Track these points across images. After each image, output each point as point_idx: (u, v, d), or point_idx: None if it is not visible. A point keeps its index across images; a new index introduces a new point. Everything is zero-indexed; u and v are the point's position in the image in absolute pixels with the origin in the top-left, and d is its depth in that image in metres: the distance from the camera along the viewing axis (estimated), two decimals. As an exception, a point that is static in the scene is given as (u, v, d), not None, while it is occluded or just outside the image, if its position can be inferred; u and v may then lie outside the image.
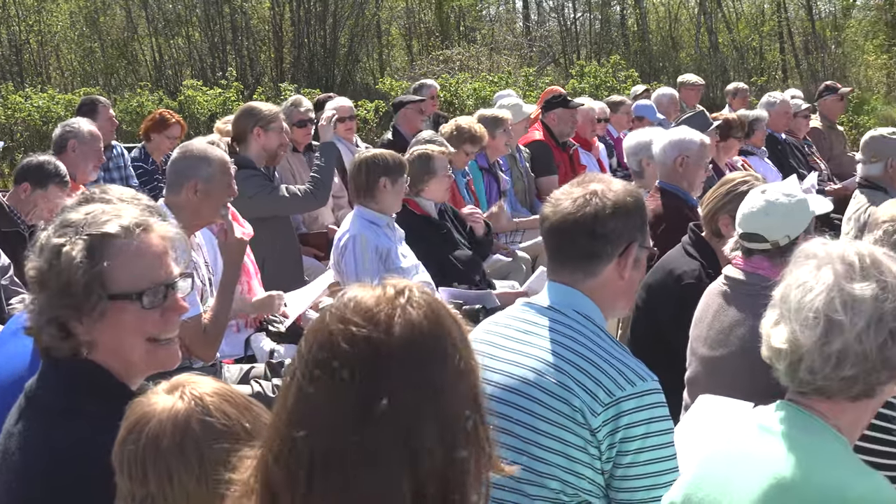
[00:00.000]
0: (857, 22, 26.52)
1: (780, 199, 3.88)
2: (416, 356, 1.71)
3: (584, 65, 20.55)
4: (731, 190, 4.53)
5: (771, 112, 9.70)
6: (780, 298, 2.25)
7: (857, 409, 2.24)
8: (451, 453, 1.71)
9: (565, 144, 8.93)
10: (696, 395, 3.78)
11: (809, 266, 2.23)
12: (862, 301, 2.14)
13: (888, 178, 6.23)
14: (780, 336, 2.23)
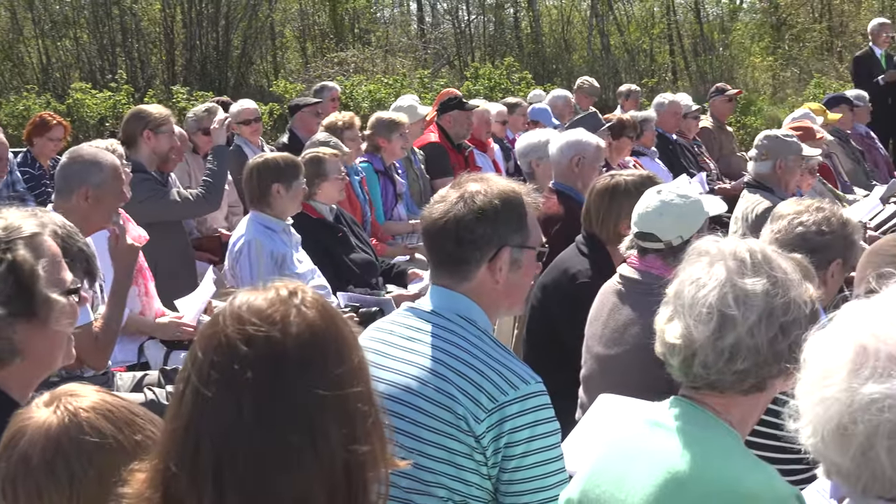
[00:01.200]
0: (744, 25, 27.09)
1: (675, 199, 3.94)
2: (315, 354, 1.72)
3: (479, 67, 20.62)
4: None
5: (661, 113, 9.86)
6: (674, 295, 2.28)
7: (749, 403, 2.28)
8: (354, 449, 1.71)
9: (461, 146, 8.96)
10: (592, 393, 3.81)
11: (702, 263, 2.27)
12: (754, 296, 2.18)
13: (776, 177, 6.36)
14: (674, 332, 2.26)
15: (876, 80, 12.40)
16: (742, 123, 17.85)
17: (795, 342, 2.13)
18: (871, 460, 1.61)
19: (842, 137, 9.74)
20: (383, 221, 7.86)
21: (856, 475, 1.66)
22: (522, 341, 4.80)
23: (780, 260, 2.28)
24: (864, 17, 18.39)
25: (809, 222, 3.73)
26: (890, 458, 1.59)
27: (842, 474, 1.68)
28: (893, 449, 1.59)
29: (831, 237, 3.71)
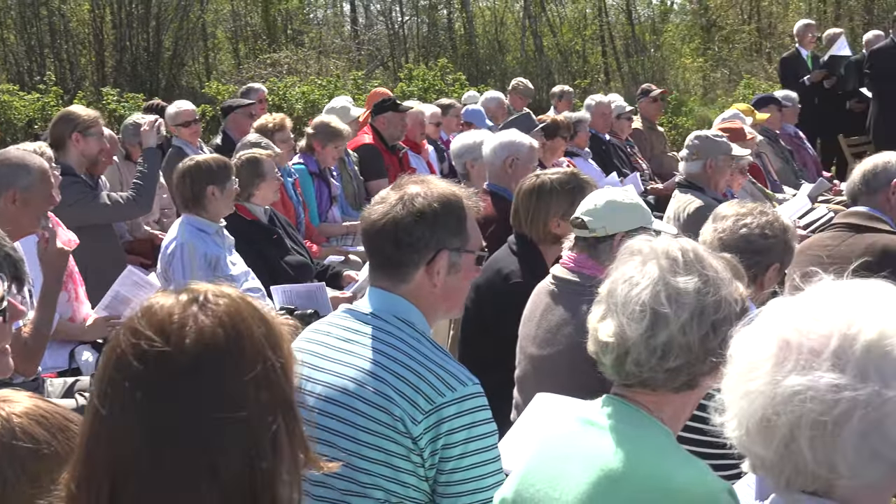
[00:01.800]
0: (675, 26, 27.37)
1: (618, 196, 4.04)
2: (209, 368, 1.64)
3: (413, 68, 20.62)
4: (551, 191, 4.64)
5: (593, 114, 9.94)
6: (607, 293, 2.30)
7: (680, 400, 2.31)
8: (255, 464, 1.64)
9: (395, 147, 8.96)
10: (527, 393, 3.82)
11: (635, 262, 2.29)
12: (686, 294, 2.21)
13: (706, 177, 6.44)
14: (607, 330, 2.28)
15: (802, 80, 12.61)
16: (674, 124, 18.04)
17: (725, 339, 2.15)
18: (794, 453, 1.64)
19: (771, 137, 9.88)
20: (318, 223, 7.83)
21: (779, 468, 1.68)
22: (458, 342, 4.80)
23: (711, 259, 2.31)
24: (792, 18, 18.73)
25: (754, 225, 3.78)
26: (811, 449, 1.62)
27: (766, 467, 1.71)
28: (815, 440, 1.61)
29: (773, 241, 3.76)
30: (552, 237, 4.61)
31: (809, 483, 1.66)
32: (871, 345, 1.62)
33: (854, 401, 1.59)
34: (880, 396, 1.58)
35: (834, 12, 24.91)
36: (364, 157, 8.76)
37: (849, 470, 1.61)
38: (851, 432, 1.59)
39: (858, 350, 1.62)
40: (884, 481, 1.63)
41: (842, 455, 1.61)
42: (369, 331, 2.81)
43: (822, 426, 1.60)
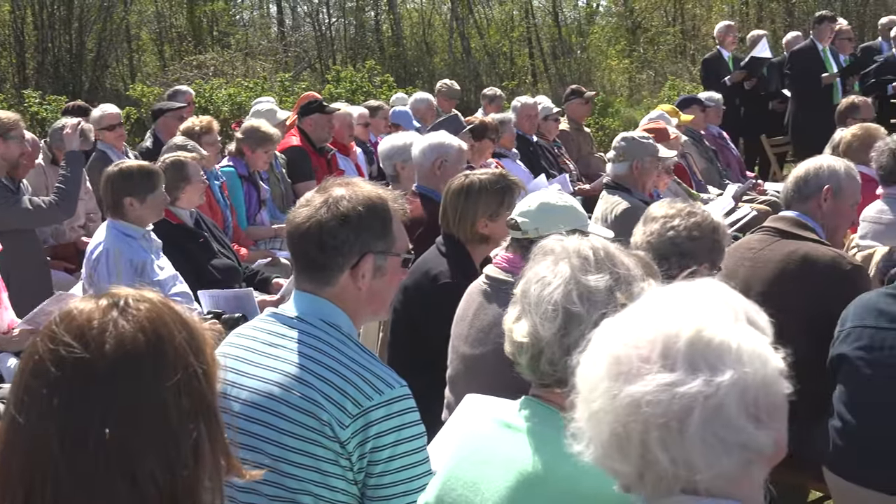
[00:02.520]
0: (601, 28, 27.66)
1: (551, 198, 4.05)
2: (129, 374, 1.62)
3: (340, 70, 20.57)
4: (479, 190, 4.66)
5: (520, 116, 9.99)
6: (521, 293, 2.32)
7: None
8: (175, 471, 1.62)
9: (323, 150, 8.92)
10: (458, 393, 3.83)
11: (548, 261, 2.30)
12: (597, 292, 2.22)
13: (633, 178, 6.50)
14: (521, 330, 2.29)
15: (723, 81, 12.80)
16: (600, 125, 18.21)
17: None
18: (651, 461, 1.65)
19: (695, 138, 10.00)
20: (246, 227, 7.77)
21: (642, 479, 1.70)
22: (387, 344, 4.80)
23: (623, 257, 2.33)
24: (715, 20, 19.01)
25: (681, 227, 3.81)
26: (665, 452, 1.63)
27: (632, 483, 1.72)
28: (665, 443, 1.63)
29: (701, 242, 3.79)
30: (480, 237, 4.62)
31: (673, 486, 1.67)
32: (694, 338, 1.65)
33: (689, 394, 1.61)
34: (711, 385, 1.61)
35: (756, 14, 25.35)
36: (292, 159, 8.71)
37: (705, 464, 1.63)
38: (696, 426, 1.61)
39: (682, 346, 1.64)
40: (741, 465, 1.65)
41: (693, 450, 1.62)
42: (295, 335, 2.78)
43: (667, 427, 1.62)
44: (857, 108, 8.95)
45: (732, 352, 1.64)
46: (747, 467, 1.66)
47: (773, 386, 1.67)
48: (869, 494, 3.81)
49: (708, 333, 1.65)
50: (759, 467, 1.70)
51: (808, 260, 4.36)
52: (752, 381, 1.63)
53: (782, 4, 25.09)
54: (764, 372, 1.65)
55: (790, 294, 4.17)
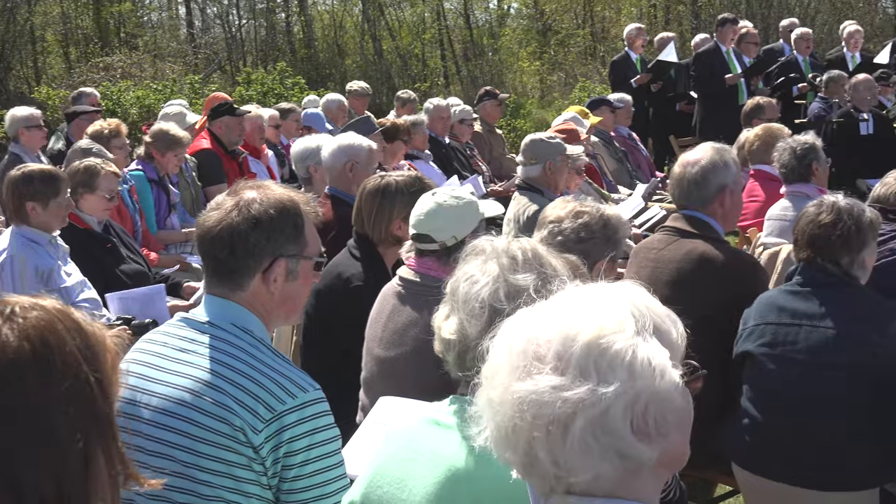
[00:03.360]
0: (512, 30, 27.82)
1: (449, 201, 4.01)
2: (12, 383, 1.58)
3: (251, 72, 20.40)
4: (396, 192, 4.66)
5: (432, 118, 10.02)
6: (451, 292, 2.34)
7: None
8: (60, 482, 1.59)
9: (234, 153, 8.84)
10: (373, 395, 3.82)
11: (478, 261, 2.33)
12: (523, 291, 2.24)
13: (546, 179, 6.56)
14: (449, 328, 2.31)
15: (630, 82, 12.99)
16: (512, 126, 18.32)
17: None
18: (534, 458, 1.67)
19: (605, 139, 10.13)
20: (156, 231, 7.66)
21: (527, 472, 1.72)
22: (300, 348, 4.77)
23: (551, 258, 2.36)
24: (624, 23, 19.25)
25: (568, 230, 3.84)
26: (547, 452, 1.64)
27: (521, 472, 1.74)
28: (547, 443, 1.64)
29: (591, 242, 3.83)
30: (393, 238, 4.62)
31: (555, 486, 1.69)
32: (590, 343, 1.64)
33: (573, 401, 1.61)
34: (596, 394, 1.61)
35: (664, 17, 25.73)
36: (202, 162, 8.62)
37: (581, 468, 1.64)
38: (577, 431, 1.61)
39: (578, 350, 1.64)
40: (618, 473, 1.65)
41: (573, 455, 1.63)
42: (206, 340, 2.75)
43: (549, 430, 1.63)
44: (763, 108, 9.16)
45: (625, 363, 1.63)
46: (633, 473, 1.67)
47: (666, 401, 1.65)
48: (777, 487, 3.90)
49: (605, 341, 1.64)
50: (651, 473, 1.70)
51: (706, 258, 4.43)
52: (642, 394, 1.63)
53: (689, 7, 25.50)
54: (657, 386, 1.64)
55: (689, 292, 4.22)
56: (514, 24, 28.67)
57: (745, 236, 6.50)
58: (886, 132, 10.48)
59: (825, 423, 3.83)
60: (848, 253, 3.95)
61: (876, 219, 4.05)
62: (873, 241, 4.02)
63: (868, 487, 3.88)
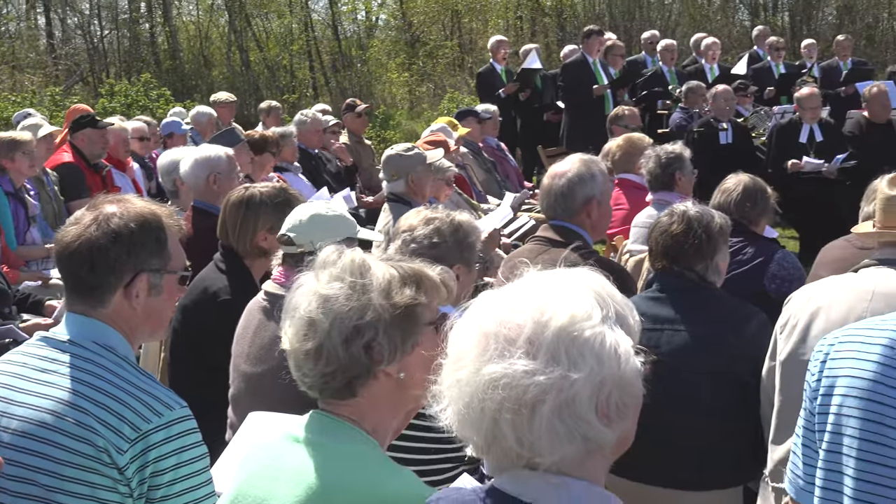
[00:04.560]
0: (380, 42, 27.85)
1: (321, 210, 4.05)
2: None
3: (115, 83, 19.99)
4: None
5: (303, 130, 9.95)
6: (286, 303, 2.33)
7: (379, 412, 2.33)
8: None
9: (97, 166, 8.63)
10: (241, 411, 3.77)
11: (311, 272, 2.33)
12: (332, 300, 2.25)
13: (411, 191, 6.59)
14: (285, 340, 2.32)
15: (498, 93, 13.13)
16: (382, 137, 18.34)
17: (371, 344, 2.24)
18: (499, 437, 1.75)
19: (474, 149, 10.22)
20: (15, 247, 7.42)
21: (489, 451, 1.79)
22: (167, 364, 4.68)
23: (376, 266, 2.34)
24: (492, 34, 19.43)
25: (420, 237, 3.86)
26: (513, 431, 1.72)
27: (480, 450, 1.81)
28: (514, 423, 1.72)
29: (444, 247, 3.84)
30: (259, 251, 4.58)
31: (517, 463, 1.77)
32: (561, 330, 1.73)
33: (544, 385, 1.70)
34: (567, 379, 1.70)
35: (530, 29, 26.10)
36: (64, 176, 8.39)
37: (548, 449, 1.72)
38: (545, 414, 1.70)
39: (549, 336, 1.73)
40: (581, 454, 1.75)
41: (540, 436, 1.72)
42: (67, 359, 2.66)
43: (518, 411, 1.71)
44: (623, 117, 9.36)
45: (594, 350, 1.73)
46: (590, 455, 1.77)
47: (629, 386, 1.77)
48: (649, 491, 3.97)
49: (576, 329, 1.73)
50: (604, 455, 1.81)
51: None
52: (607, 380, 1.73)
53: (554, 19, 25.93)
54: (621, 372, 1.75)
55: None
56: (382, 35, 28.70)
57: (611, 244, 6.61)
58: (745, 141, 10.83)
59: (688, 424, 3.92)
60: (701, 260, 4.09)
61: (726, 224, 4.20)
62: (724, 245, 4.17)
63: (732, 486, 3.99)
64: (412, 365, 2.30)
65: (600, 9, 25.68)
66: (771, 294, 5.02)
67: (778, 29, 16.67)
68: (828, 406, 2.48)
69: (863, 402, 2.41)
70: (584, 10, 26.01)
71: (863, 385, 2.42)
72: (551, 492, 1.77)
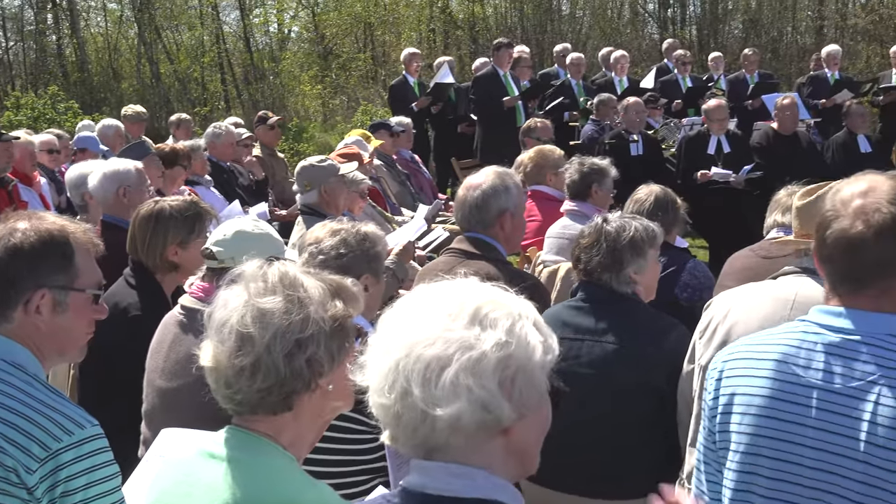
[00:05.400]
0: (293, 54, 27.73)
1: (247, 227, 4.03)
2: None
3: (21, 96, 19.60)
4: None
5: (216, 143, 9.86)
6: (207, 318, 2.31)
7: (294, 425, 2.33)
8: None
9: (2, 180, 8.44)
10: (155, 427, 3.72)
11: (233, 287, 2.31)
12: (270, 314, 2.24)
13: (325, 203, 6.56)
14: (206, 355, 2.29)
15: (411, 106, 13.15)
16: (295, 150, 18.25)
17: (314, 358, 2.24)
18: (409, 397, 1.82)
19: (388, 162, 10.21)
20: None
21: (399, 424, 1.86)
22: (77, 381, 4.60)
23: (306, 280, 2.34)
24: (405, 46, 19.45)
25: (327, 248, 3.86)
26: (420, 387, 1.81)
27: (391, 428, 1.88)
28: (424, 376, 1.81)
29: (351, 258, 3.84)
30: (170, 265, 4.55)
31: (421, 427, 1.83)
32: (481, 305, 1.87)
33: (458, 340, 1.81)
34: (479, 339, 1.82)
35: (443, 42, 26.21)
36: (-32, 191, 8.20)
37: (446, 400, 1.80)
38: (453, 369, 1.79)
39: (469, 308, 1.86)
40: (478, 425, 1.82)
41: (443, 391, 1.80)
42: None
43: (429, 366, 1.80)
44: (535, 129, 9.45)
45: (506, 327, 1.85)
46: (488, 434, 1.83)
47: (533, 375, 1.87)
48: (568, 500, 4.01)
49: (492, 307, 1.88)
50: (506, 451, 1.87)
51: (489, 279, 4.52)
52: (514, 358, 1.83)
53: (467, 32, 26.07)
54: (528, 357, 1.86)
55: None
56: (295, 47, 28.59)
57: (525, 255, 6.66)
58: (655, 153, 11.00)
59: (607, 433, 3.97)
60: (607, 271, 4.15)
61: (646, 235, 4.23)
62: (639, 257, 4.18)
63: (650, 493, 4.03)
64: (339, 376, 2.30)
65: (512, 22, 25.90)
66: (682, 303, 5.11)
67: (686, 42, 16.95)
68: (728, 424, 2.53)
69: (762, 420, 2.46)
70: (496, 22, 26.20)
71: (760, 402, 2.47)
72: (453, 481, 1.84)
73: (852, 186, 2.44)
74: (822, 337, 2.44)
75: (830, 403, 2.38)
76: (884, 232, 2.33)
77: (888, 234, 2.33)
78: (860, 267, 2.39)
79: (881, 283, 2.38)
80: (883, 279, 2.38)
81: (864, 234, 2.35)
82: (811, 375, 2.42)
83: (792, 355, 2.46)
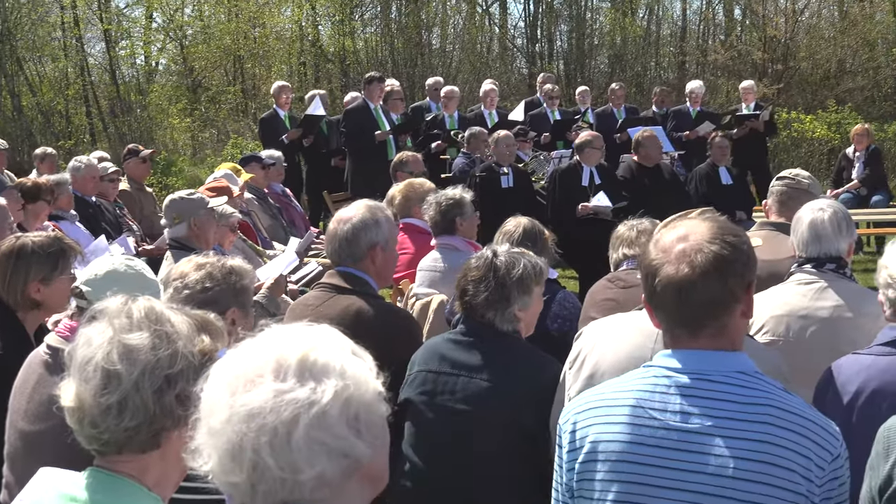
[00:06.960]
0: (161, 87, 27.36)
1: (118, 266, 3.99)
2: None
3: None
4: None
5: (78, 177, 9.64)
6: (69, 357, 2.26)
7: (161, 464, 2.29)
8: None
9: None
10: (18, 472, 3.62)
11: (96, 323, 2.27)
12: (138, 350, 2.21)
13: (194, 236, 6.49)
14: (68, 394, 2.24)
15: (281, 139, 13.07)
16: (164, 184, 17.98)
17: (184, 394, 2.21)
18: (261, 469, 1.77)
19: (259, 195, 10.14)
20: None
21: (255, 492, 1.79)
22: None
23: (172, 315, 2.32)
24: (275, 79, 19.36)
25: (192, 282, 3.84)
26: (273, 457, 1.76)
27: (246, 497, 1.81)
28: (273, 445, 1.75)
29: (217, 291, 3.82)
30: (32, 303, 4.45)
31: (288, 493, 1.78)
32: (302, 357, 1.82)
33: (296, 401, 1.77)
34: (316, 392, 1.78)
35: (314, 75, 26.18)
36: None
37: (307, 463, 1.76)
38: (302, 431, 1.76)
39: (293, 363, 1.81)
40: (342, 472, 1.81)
41: (299, 454, 1.76)
42: None
43: (276, 432, 1.76)
44: (407, 162, 9.51)
45: (336, 370, 1.82)
46: (349, 477, 1.81)
47: (373, 405, 1.86)
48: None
49: (315, 354, 1.82)
50: (361, 482, 1.86)
51: (361, 315, 4.53)
52: (354, 397, 1.81)
53: (338, 66, 26.10)
54: (364, 391, 1.84)
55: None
56: (163, 80, 28.21)
57: (398, 288, 6.68)
58: (525, 185, 11.16)
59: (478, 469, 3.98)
60: (492, 308, 4.12)
61: (532, 272, 4.17)
62: (525, 294, 4.15)
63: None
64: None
65: (383, 55, 26.02)
66: (553, 333, 5.17)
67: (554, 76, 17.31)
68: (589, 473, 2.56)
69: (622, 465, 2.50)
70: (366, 56, 26.29)
71: (619, 448, 2.51)
72: None
73: (671, 233, 2.53)
74: (674, 379, 2.50)
75: (688, 443, 2.44)
76: (708, 271, 2.42)
77: (712, 272, 2.42)
78: (692, 309, 2.47)
79: (714, 322, 2.47)
80: (716, 318, 2.47)
81: (689, 276, 2.43)
82: (668, 417, 2.48)
83: (646, 399, 2.52)
